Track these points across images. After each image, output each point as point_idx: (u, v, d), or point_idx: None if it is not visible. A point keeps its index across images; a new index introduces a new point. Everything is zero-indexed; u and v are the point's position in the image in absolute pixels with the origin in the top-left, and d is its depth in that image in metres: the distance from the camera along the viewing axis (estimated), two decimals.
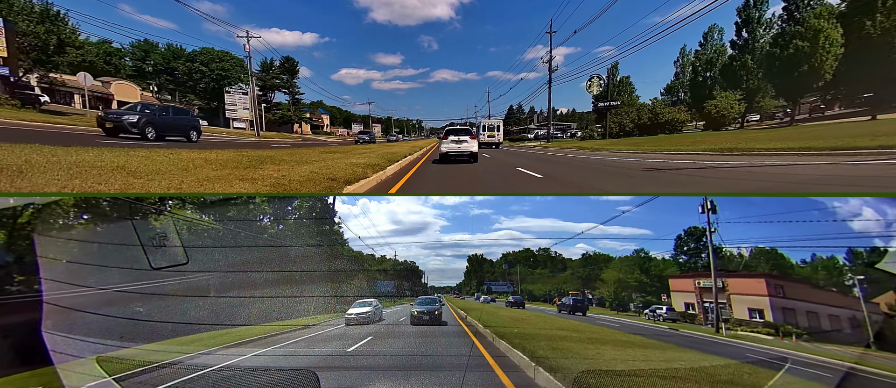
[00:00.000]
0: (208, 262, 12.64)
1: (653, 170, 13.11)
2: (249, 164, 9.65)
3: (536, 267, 32.04)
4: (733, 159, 16.07)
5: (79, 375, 4.33)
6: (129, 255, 6.36)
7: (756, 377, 4.61)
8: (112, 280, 6.57)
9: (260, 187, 6.28)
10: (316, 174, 8.19)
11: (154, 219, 8.05)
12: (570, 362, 4.66)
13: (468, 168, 14.36)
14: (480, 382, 4.42)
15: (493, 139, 39.54)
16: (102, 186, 5.06)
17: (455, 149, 16.72)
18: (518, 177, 11.69)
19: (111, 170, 6.26)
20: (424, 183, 10.76)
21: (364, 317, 12.21)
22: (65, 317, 5.22)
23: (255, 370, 5.53)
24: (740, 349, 9.20)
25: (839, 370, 6.43)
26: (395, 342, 8.25)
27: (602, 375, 3.98)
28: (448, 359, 5.85)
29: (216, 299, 10.57)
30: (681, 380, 3.98)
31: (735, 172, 11.51)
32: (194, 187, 5.89)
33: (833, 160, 13.04)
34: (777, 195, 10.66)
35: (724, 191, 10.41)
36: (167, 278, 8.69)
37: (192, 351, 6.94)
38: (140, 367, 5.21)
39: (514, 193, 11.25)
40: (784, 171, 11.34)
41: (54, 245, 5.97)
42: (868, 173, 9.96)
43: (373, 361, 6.14)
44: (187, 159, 9.35)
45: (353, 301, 13.55)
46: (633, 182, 10.51)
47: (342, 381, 4.73)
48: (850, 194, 8.85)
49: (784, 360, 6.73)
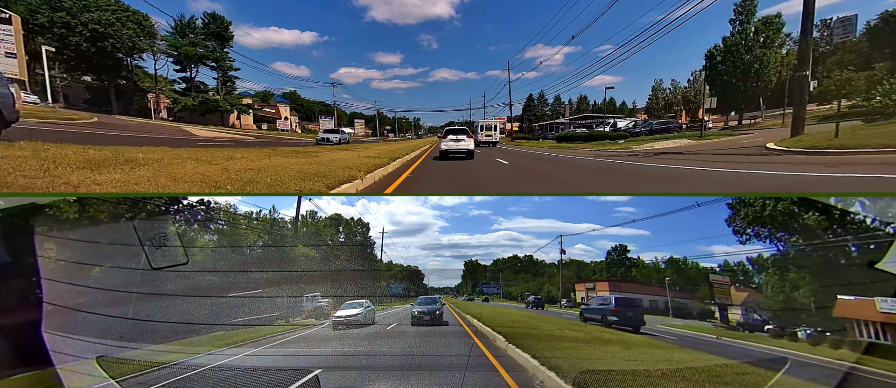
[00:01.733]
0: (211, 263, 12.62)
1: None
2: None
3: (520, 272, 36.56)
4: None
5: (79, 375, 4.33)
6: (130, 255, 6.36)
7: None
8: (112, 280, 6.57)
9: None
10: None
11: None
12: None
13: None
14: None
15: (490, 138, 40.50)
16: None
17: (453, 147, 17.94)
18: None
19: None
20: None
21: (353, 320, 11.11)
22: (65, 317, 5.21)
23: (256, 370, 5.53)
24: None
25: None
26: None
27: (602, 374, 3.98)
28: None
29: (216, 299, 10.56)
30: (681, 380, 3.98)
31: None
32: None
33: None
34: (777, 195, 10.67)
35: (723, 191, 10.42)
36: (168, 278, 8.69)
37: (192, 352, 6.95)
38: (140, 367, 5.21)
39: (513, 193, 11.26)
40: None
41: (54, 245, 5.97)
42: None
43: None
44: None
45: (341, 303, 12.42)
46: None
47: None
48: (850, 194, 8.86)
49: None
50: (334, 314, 11.31)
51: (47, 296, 4.95)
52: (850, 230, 12.59)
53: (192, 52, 52.16)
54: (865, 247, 11.77)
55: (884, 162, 11.79)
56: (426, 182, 11.21)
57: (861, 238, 12.10)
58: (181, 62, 52.79)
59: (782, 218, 14.84)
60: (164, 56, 51.83)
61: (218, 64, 55.23)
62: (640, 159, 17.75)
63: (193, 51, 52.16)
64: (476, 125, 47.38)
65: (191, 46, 51.83)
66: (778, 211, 14.91)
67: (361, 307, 11.78)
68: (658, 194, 11.63)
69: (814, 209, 13.73)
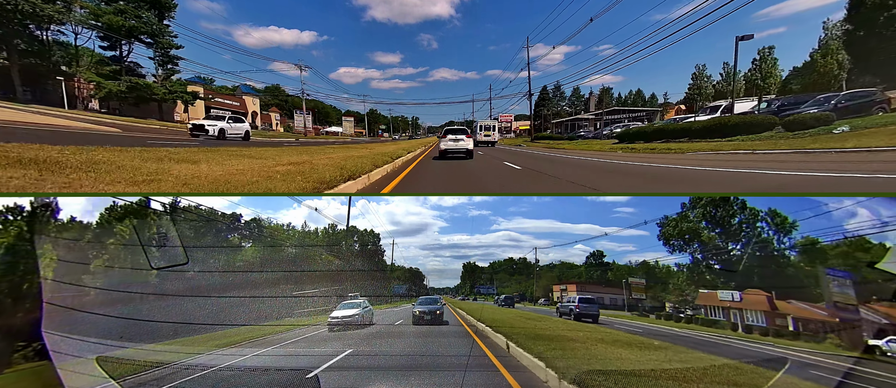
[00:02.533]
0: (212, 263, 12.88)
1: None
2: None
3: (514, 274, 41.06)
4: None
5: (79, 375, 4.33)
6: (131, 254, 6.37)
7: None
8: (113, 280, 6.57)
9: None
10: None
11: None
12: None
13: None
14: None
15: (488, 138, 41.40)
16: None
17: (453, 146, 17.79)
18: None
19: None
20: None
21: (350, 321, 10.44)
22: (65, 317, 5.21)
23: (256, 370, 5.52)
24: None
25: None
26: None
27: (603, 374, 3.98)
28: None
29: (217, 299, 10.56)
30: (681, 380, 3.98)
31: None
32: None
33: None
34: (777, 195, 10.67)
35: (725, 191, 10.42)
36: (168, 278, 8.69)
37: (192, 352, 6.94)
38: (140, 367, 5.21)
39: (513, 193, 11.25)
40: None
41: (54, 245, 5.96)
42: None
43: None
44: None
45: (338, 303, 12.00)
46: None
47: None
48: (850, 195, 8.86)
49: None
50: (329, 316, 10.75)
51: (47, 296, 4.95)
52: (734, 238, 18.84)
53: (119, 24, 39.22)
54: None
55: None
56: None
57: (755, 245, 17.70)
58: (109, 37, 41.04)
59: (691, 234, 20.47)
60: (84, 27, 39.77)
61: (155, 40, 42.75)
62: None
63: (121, 21, 39.21)
64: (475, 125, 48.48)
65: (118, 15, 39.01)
66: (686, 227, 20.41)
67: (359, 308, 11.15)
68: (657, 194, 11.64)
69: (713, 224, 19.87)
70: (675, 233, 20.82)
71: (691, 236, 20.13)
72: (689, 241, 20.33)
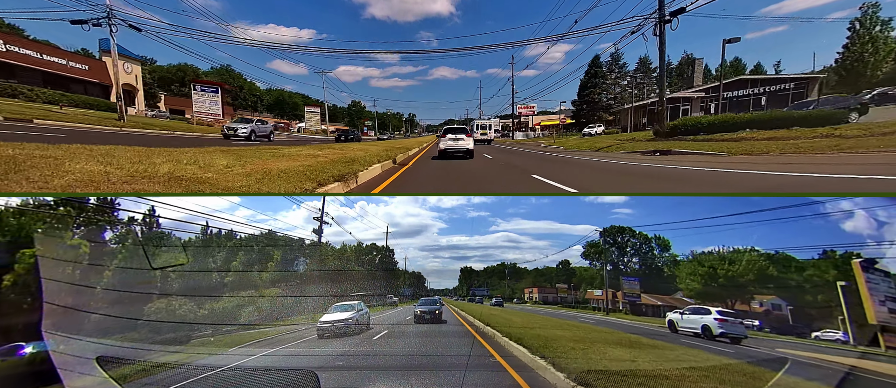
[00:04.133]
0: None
1: None
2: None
3: (504, 278, 48.60)
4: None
5: (79, 375, 4.32)
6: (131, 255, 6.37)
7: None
8: (113, 280, 6.57)
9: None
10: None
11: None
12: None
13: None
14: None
15: (485, 137, 42.79)
16: None
17: (452, 146, 17.55)
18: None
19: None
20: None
21: (342, 326, 9.21)
22: (65, 317, 5.21)
23: (256, 370, 5.53)
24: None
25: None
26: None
27: (604, 374, 3.98)
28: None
29: (217, 299, 10.54)
30: (681, 380, 3.98)
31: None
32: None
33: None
34: (776, 195, 10.67)
35: (723, 191, 10.41)
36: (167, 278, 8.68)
37: (192, 352, 6.94)
38: (140, 367, 5.21)
39: (512, 193, 11.25)
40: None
41: (54, 245, 5.96)
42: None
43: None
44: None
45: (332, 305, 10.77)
46: None
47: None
48: (850, 195, 8.85)
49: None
50: (319, 320, 9.61)
51: (47, 296, 4.94)
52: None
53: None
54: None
55: None
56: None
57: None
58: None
59: (601, 253, 33.39)
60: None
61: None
62: None
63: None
64: (472, 124, 49.81)
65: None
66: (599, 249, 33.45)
67: (352, 310, 9.97)
68: (657, 194, 11.63)
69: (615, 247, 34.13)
70: (593, 253, 34.97)
71: (600, 254, 32.84)
72: (600, 257, 32.78)
